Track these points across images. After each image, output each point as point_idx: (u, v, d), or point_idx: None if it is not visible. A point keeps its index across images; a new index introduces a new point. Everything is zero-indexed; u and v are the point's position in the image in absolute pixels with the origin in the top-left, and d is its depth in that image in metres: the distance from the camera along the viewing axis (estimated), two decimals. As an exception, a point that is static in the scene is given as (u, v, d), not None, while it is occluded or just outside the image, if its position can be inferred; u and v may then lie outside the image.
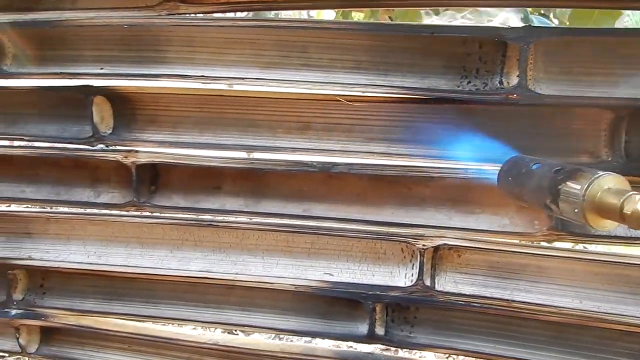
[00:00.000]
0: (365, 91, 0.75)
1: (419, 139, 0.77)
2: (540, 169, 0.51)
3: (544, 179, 0.49)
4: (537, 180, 0.50)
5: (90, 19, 0.78)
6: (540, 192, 0.49)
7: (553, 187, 0.47)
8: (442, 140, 0.76)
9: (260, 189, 0.87)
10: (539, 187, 0.50)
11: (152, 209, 0.89)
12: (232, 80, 0.79)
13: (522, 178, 0.53)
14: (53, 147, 0.90)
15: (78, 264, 0.94)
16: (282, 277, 0.86)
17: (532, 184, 0.51)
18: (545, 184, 0.49)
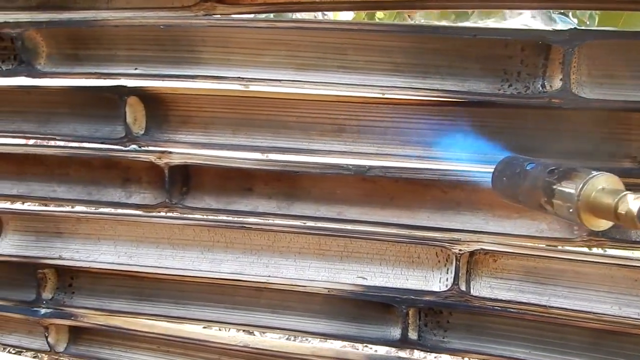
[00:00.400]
0: (404, 94, 0.74)
1: (456, 142, 0.76)
2: (534, 169, 0.51)
3: (539, 179, 0.49)
4: (531, 181, 0.50)
5: (127, 19, 0.78)
6: (535, 192, 0.49)
7: (548, 187, 0.47)
8: (479, 144, 0.75)
9: (293, 191, 0.86)
10: (534, 187, 0.49)
11: (183, 210, 0.89)
12: (268, 82, 0.78)
13: (517, 178, 0.53)
14: (85, 147, 0.89)
15: (109, 264, 0.94)
16: (315, 280, 0.85)
17: (526, 184, 0.51)
18: (539, 184, 0.48)
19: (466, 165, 0.76)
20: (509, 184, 0.55)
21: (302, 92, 0.78)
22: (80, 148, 0.89)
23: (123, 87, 0.84)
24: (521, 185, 0.52)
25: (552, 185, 0.47)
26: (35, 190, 0.95)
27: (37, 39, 0.84)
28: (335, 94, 0.77)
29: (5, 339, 1.07)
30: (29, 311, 1.00)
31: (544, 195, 0.47)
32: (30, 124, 0.93)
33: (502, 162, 0.57)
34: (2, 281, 1.04)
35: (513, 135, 0.73)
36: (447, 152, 0.77)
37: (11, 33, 0.82)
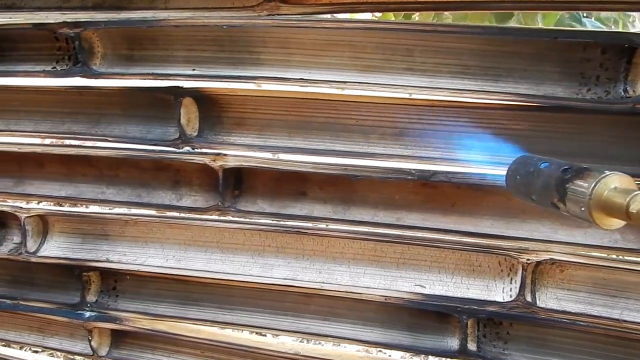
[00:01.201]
0: (474, 97, 0.71)
1: (525, 147, 0.73)
2: (548, 168, 0.51)
3: (552, 177, 0.49)
4: (545, 179, 0.50)
5: (188, 19, 0.75)
6: (548, 191, 0.49)
7: (560, 186, 0.47)
8: (549, 150, 0.72)
9: (349, 195, 0.83)
10: (547, 185, 0.49)
11: (236, 213, 0.86)
12: (331, 84, 0.75)
13: (530, 177, 0.53)
14: (137, 149, 0.87)
15: (157, 267, 0.91)
16: (371, 287, 0.82)
17: (540, 182, 0.51)
18: (552, 182, 0.48)
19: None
20: (522, 182, 0.54)
21: (367, 94, 0.75)
22: (132, 150, 0.87)
23: (179, 88, 0.81)
24: (534, 184, 0.52)
25: (565, 184, 0.46)
26: (84, 192, 0.93)
27: (93, 39, 0.82)
28: (401, 97, 0.74)
29: (47, 342, 1.05)
30: (73, 314, 0.97)
31: (557, 194, 0.47)
32: (81, 125, 0.90)
33: (516, 161, 0.57)
34: (45, 283, 1.01)
35: (587, 141, 0.70)
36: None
37: (69, 33, 0.80)
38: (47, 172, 0.95)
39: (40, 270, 1.00)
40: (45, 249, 0.96)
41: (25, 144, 0.90)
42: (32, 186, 0.95)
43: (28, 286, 1.02)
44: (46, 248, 0.96)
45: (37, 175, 0.95)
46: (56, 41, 0.85)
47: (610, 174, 0.44)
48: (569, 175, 0.47)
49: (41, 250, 0.96)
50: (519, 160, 0.57)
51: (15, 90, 0.91)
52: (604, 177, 0.44)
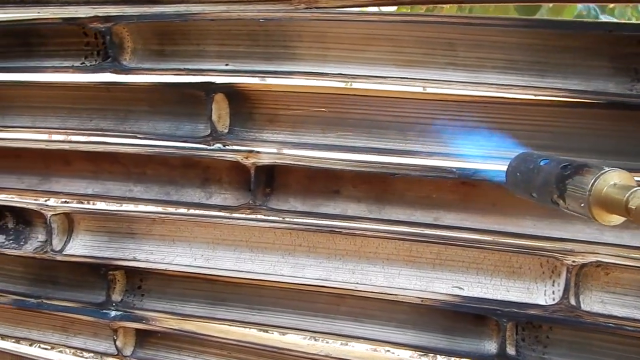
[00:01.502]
0: (520, 93, 0.68)
1: (571, 145, 0.70)
2: (548, 165, 0.51)
3: (552, 174, 0.49)
4: (545, 176, 0.50)
5: (224, 13, 0.73)
6: (548, 188, 0.49)
7: (560, 182, 0.47)
8: (595, 148, 0.69)
9: (384, 194, 0.81)
10: (547, 182, 0.49)
11: (267, 212, 0.84)
12: (369, 79, 0.72)
13: (530, 174, 0.52)
14: (166, 146, 0.85)
15: (185, 267, 0.89)
16: (407, 288, 0.80)
17: (539, 179, 0.51)
18: (552, 179, 0.48)
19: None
20: (522, 179, 0.54)
21: (407, 90, 0.72)
22: (161, 147, 0.85)
23: (211, 84, 0.79)
24: (535, 181, 0.52)
25: (565, 180, 0.46)
26: (111, 189, 0.91)
27: (124, 33, 0.80)
28: (442, 93, 0.72)
29: (70, 341, 1.03)
30: (99, 313, 0.96)
31: (557, 191, 0.47)
32: (109, 122, 0.88)
33: (517, 158, 0.57)
34: (68, 282, 1.00)
35: (638, 140, 0.67)
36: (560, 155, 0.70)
37: (100, 27, 0.78)
38: (73, 170, 0.93)
39: (64, 269, 0.99)
40: (70, 247, 0.94)
41: (53, 140, 0.89)
42: (59, 184, 0.93)
43: (51, 285, 1.01)
44: (72, 246, 0.95)
45: (63, 172, 0.94)
46: (85, 36, 0.83)
47: (609, 170, 0.44)
48: (568, 172, 0.47)
49: (67, 248, 0.94)
50: (519, 157, 0.56)
51: (42, 86, 0.90)
52: (603, 173, 0.44)
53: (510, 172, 0.57)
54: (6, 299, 1.01)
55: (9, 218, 0.99)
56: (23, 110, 0.93)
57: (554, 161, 0.50)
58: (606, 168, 0.44)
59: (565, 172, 0.47)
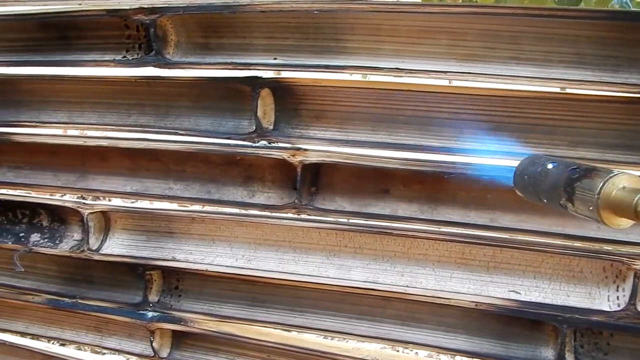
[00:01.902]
0: (590, 88, 0.65)
1: (639, 144, 0.67)
2: (556, 168, 0.50)
3: (560, 177, 0.49)
4: (553, 179, 0.50)
5: (275, 4, 0.70)
6: (556, 191, 0.49)
7: (568, 186, 0.47)
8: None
9: (436, 194, 0.78)
10: (555, 185, 0.49)
11: (313, 212, 0.81)
12: (429, 74, 0.69)
13: (538, 177, 0.52)
14: (209, 143, 0.82)
15: (227, 267, 0.86)
16: (460, 292, 0.77)
17: (547, 182, 0.50)
18: (561, 182, 0.48)
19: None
20: (530, 182, 0.54)
21: (466, 85, 0.69)
22: (204, 144, 0.82)
23: (257, 79, 0.77)
24: (542, 184, 0.51)
25: (573, 183, 0.46)
26: (150, 187, 0.88)
27: (167, 26, 0.77)
28: (504, 88, 0.68)
29: (105, 342, 1.01)
30: (136, 314, 0.93)
31: (565, 194, 0.47)
32: (148, 117, 0.86)
33: (524, 161, 0.56)
34: (103, 281, 0.98)
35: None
36: (629, 156, 0.67)
37: (144, 20, 0.75)
38: (110, 167, 0.91)
39: (99, 268, 0.96)
40: (107, 246, 0.92)
41: (90, 137, 0.86)
42: (96, 181, 0.91)
43: (86, 284, 0.99)
44: (108, 245, 0.92)
45: (100, 169, 0.91)
46: (126, 29, 0.81)
47: (618, 173, 0.44)
48: (577, 175, 0.46)
49: (104, 247, 0.92)
50: (526, 161, 0.56)
51: (78, 80, 0.87)
52: (612, 176, 0.43)
53: (518, 175, 0.56)
54: (40, 298, 0.99)
55: (44, 216, 0.97)
56: (59, 105, 0.90)
57: (562, 164, 0.50)
58: (615, 171, 0.44)
59: (574, 175, 0.47)
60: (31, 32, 0.85)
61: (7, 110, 0.91)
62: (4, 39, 0.88)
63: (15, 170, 0.95)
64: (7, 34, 0.86)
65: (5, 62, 0.86)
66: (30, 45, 0.86)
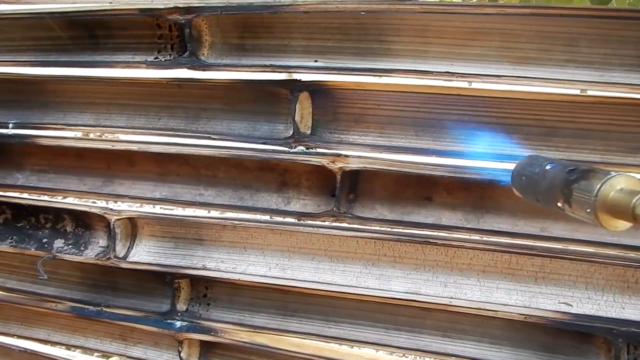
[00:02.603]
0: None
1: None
2: (553, 169, 0.50)
3: (557, 178, 0.48)
4: (550, 180, 0.50)
5: (319, 4, 0.68)
6: (553, 192, 0.48)
7: (566, 187, 0.47)
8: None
9: (481, 201, 0.75)
10: (552, 186, 0.49)
11: (352, 220, 0.78)
12: (478, 78, 0.67)
13: (536, 178, 0.52)
14: (243, 148, 0.80)
15: (260, 277, 0.84)
16: (508, 304, 0.74)
17: (545, 183, 0.50)
18: (558, 183, 0.48)
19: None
20: (528, 183, 0.53)
21: (520, 89, 0.66)
22: (239, 149, 0.79)
23: (296, 82, 0.74)
24: (540, 185, 0.51)
25: (571, 185, 0.46)
26: (179, 193, 0.86)
27: (202, 26, 0.75)
28: (559, 93, 0.66)
29: (130, 351, 0.99)
30: (164, 323, 0.91)
31: (562, 195, 0.47)
32: (179, 121, 0.84)
33: (522, 161, 0.56)
34: (129, 288, 0.95)
35: None
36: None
37: (179, 19, 0.73)
38: (138, 171, 0.88)
39: (124, 275, 0.94)
40: (134, 253, 0.90)
41: (119, 140, 0.84)
42: (123, 186, 0.88)
43: (110, 291, 0.96)
44: (135, 253, 0.90)
45: (128, 174, 0.89)
46: (157, 28, 0.78)
47: (616, 175, 0.43)
48: (574, 176, 0.46)
49: (131, 255, 0.89)
50: (524, 161, 0.55)
51: (105, 81, 0.85)
52: (609, 178, 0.43)
53: (516, 176, 0.56)
54: (63, 305, 0.97)
55: (68, 221, 0.95)
56: (85, 107, 0.88)
57: (559, 165, 0.50)
58: (613, 173, 0.43)
59: (571, 176, 0.46)
60: (57, 30, 0.83)
61: (31, 111, 0.89)
62: (29, 37, 0.85)
63: (39, 173, 0.93)
64: (33, 32, 0.83)
65: (30, 62, 0.83)
66: (57, 45, 0.84)
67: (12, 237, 0.96)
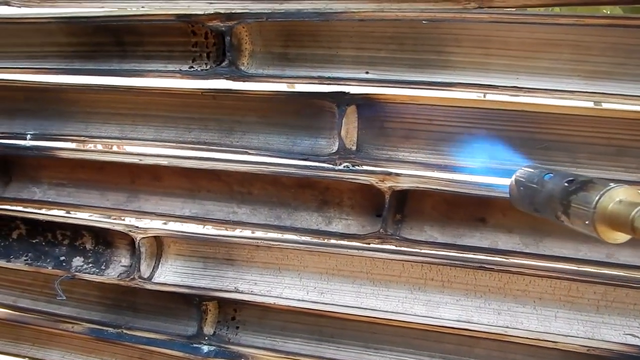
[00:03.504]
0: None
1: None
2: (552, 180, 0.49)
3: (556, 189, 0.48)
4: (548, 191, 0.49)
5: (375, 12, 0.63)
6: (552, 203, 0.48)
7: (564, 198, 0.46)
8: None
9: (541, 224, 0.71)
10: (551, 197, 0.48)
11: (399, 242, 0.73)
12: (547, 93, 0.62)
13: (534, 188, 0.51)
14: (283, 164, 0.75)
15: (298, 301, 0.79)
16: (570, 335, 0.70)
17: (543, 194, 0.50)
18: (556, 194, 0.47)
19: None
20: (525, 193, 0.53)
21: (588, 106, 0.62)
22: (278, 165, 0.74)
23: (344, 94, 0.69)
24: (538, 196, 0.50)
25: (569, 196, 0.45)
26: (211, 211, 0.81)
27: (242, 34, 0.70)
28: (635, 110, 0.61)
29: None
30: (189, 348, 0.86)
31: (561, 206, 0.46)
32: (211, 134, 0.78)
33: (520, 171, 0.55)
34: (151, 309, 0.90)
35: None
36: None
37: (219, 27, 0.67)
38: (164, 186, 0.83)
39: (145, 295, 0.89)
40: (160, 274, 0.85)
41: (147, 154, 0.78)
42: (149, 202, 0.83)
43: (131, 312, 0.91)
44: (161, 273, 0.85)
45: (153, 189, 0.84)
46: (192, 35, 0.73)
47: (615, 187, 0.43)
48: (573, 188, 0.46)
49: (156, 275, 0.84)
50: (522, 171, 0.54)
51: (134, 91, 0.79)
52: (609, 189, 0.43)
53: (514, 186, 0.55)
54: (81, 327, 0.91)
55: (87, 238, 0.89)
56: (108, 117, 0.83)
57: (558, 176, 0.49)
58: (612, 184, 0.43)
59: (570, 187, 0.46)
60: (81, 36, 0.77)
61: (50, 121, 0.83)
62: (49, 43, 0.80)
63: (56, 187, 0.87)
64: (55, 37, 0.78)
65: (52, 69, 0.78)
66: (80, 51, 0.79)
67: (27, 254, 0.91)
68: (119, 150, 0.79)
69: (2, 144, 0.84)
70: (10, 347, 0.99)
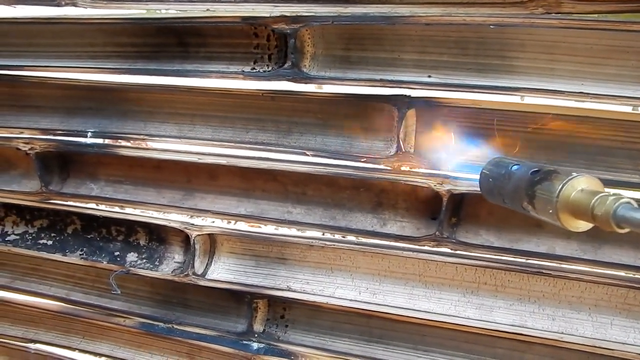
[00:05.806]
0: None
1: None
2: (519, 170, 0.51)
3: (522, 180, 0.49)
4: (515, 182, 0.50)
5: (442, 17, 0.63)
6: (518, 193, 0.49)
7: (529, 188, 0.47)
8: None
9: (600, 231, 0.70)
10: (517, 188, 0.49)
11: (455, 245, 0.74)
12: (614, 99, 0.62)
13: (502, 180, 0.52)
14: (341, 165, 0.76)
15: (350, 301, 0.80)
16: (627, 342, 0.69)
17: (511, 185, 0.51)
18: (522, 185, 0.48)
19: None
20: (495, 185, 0.54)
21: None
22: (334, 166, 0.75)
23: (405, 97, 0.70)
24: (506, 187, 0.51)
25: (534, 186, 0.46)
26: (266, 210, 0.82)
27: (305, 36, 0.71)
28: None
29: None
30: (239, 344, 0.87)
31: (526, 197, 0.47)
32: (269, 134, 0.80)
33: (490, 163, 0.56)
34: (201, 306, 0.92)
35: None
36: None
37: (284, 29, 0.69)
38: (220, 185, 0.85)
39: (196, 291, 0.90)
40: (213, 270, 0.86)
41: (206, 153, 0.80)
42: (205, 200, 0.84)
43: (181, 308, 0.93)
44: (214, 270, 0.86)
45: (209, 187, 0.85)
46: (254, 37, 0.74)
47: (577, 176, 0.44)
48: (537, 178, 0.47)
49: (209, 272, 0.86)
50: (492, 163, 0.55)
51: (194, 92, 0.81)
52: (571, 179, 0.44)
53: (484, 178, 0.55)
54: (132, 321, 0.93)
55: (141, 234, 0.92)
56: (167, 117, 0.84)
57: (524, 167, 0.50)
58: (574, 174, 0.44)
59: (535, 178, 0.47)
60: (145, 37, 0.79)
61: (110, 120, 0.86)
62: (112, 43, 0.82)
63: (114, 184, 0.89)
64: (119, 38, 0.80)
65: (115, 69, 0.80)
66: (142, 52, 0.81)
67: (82, 248, 0.93)
68: (177, 149, 0.81)
69: (63, 141, 0.86)
70: (61, 339, 1.01)
